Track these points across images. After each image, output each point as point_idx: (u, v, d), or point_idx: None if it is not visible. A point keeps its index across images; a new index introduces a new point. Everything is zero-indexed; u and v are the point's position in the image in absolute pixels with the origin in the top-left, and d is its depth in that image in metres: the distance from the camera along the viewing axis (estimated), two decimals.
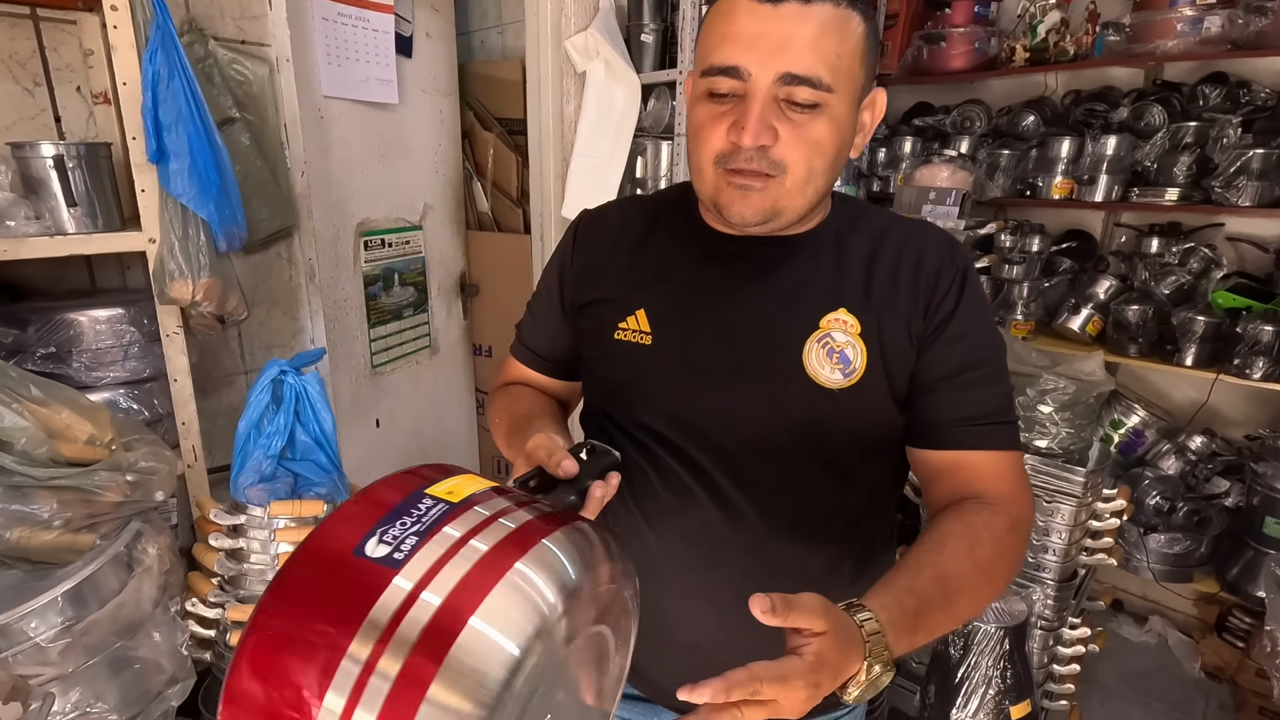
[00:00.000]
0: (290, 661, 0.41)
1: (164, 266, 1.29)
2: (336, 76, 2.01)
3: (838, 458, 0.76)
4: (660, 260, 0.81)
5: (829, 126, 0.68)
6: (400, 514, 0.45)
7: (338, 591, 0.42)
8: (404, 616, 0.40)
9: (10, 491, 1.03)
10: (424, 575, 0.41)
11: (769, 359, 0.75)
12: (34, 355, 1.26)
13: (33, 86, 1.42)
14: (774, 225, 0.72)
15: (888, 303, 0.74)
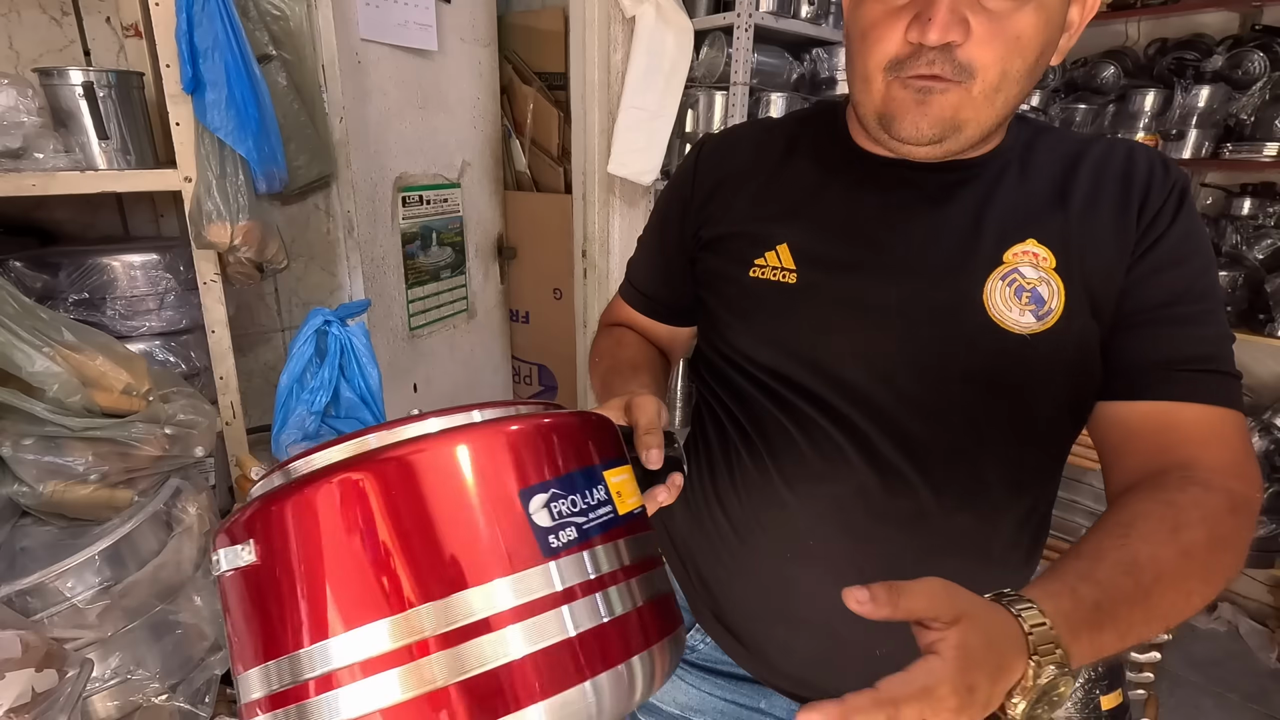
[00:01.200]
0: (370, 546, 0.33)
1: (200, 207, 1.20)
2: (374, 18, 1.90)
3: (1026, 417, 0.64)
4: (804, 189, 0.70)
5: (1037, 17, 0.55)
6: (575, 487, 0.39)
7: (480, 523, 0.35)
8: (508, 624, 0.34)
9: (43, 442, 0.96)
10: (565, 590, 0.36)
11: (941, 301, 0.63)
12: (65, 301, 1.19)
13: (60, 16, 1.33)
14: (951, 146, 0.60)
15: (1089, 229, 0.61)
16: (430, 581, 0.34)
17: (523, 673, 0.34)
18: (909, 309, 0.64)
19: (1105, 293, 0.61)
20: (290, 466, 0.37)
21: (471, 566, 0.34)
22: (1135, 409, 0.61)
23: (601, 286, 2.37)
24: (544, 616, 0.35)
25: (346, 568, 0.34)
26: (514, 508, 0.36)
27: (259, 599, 0.35)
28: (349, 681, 0.33)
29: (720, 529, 0.74)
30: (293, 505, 0.34)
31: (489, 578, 0.34)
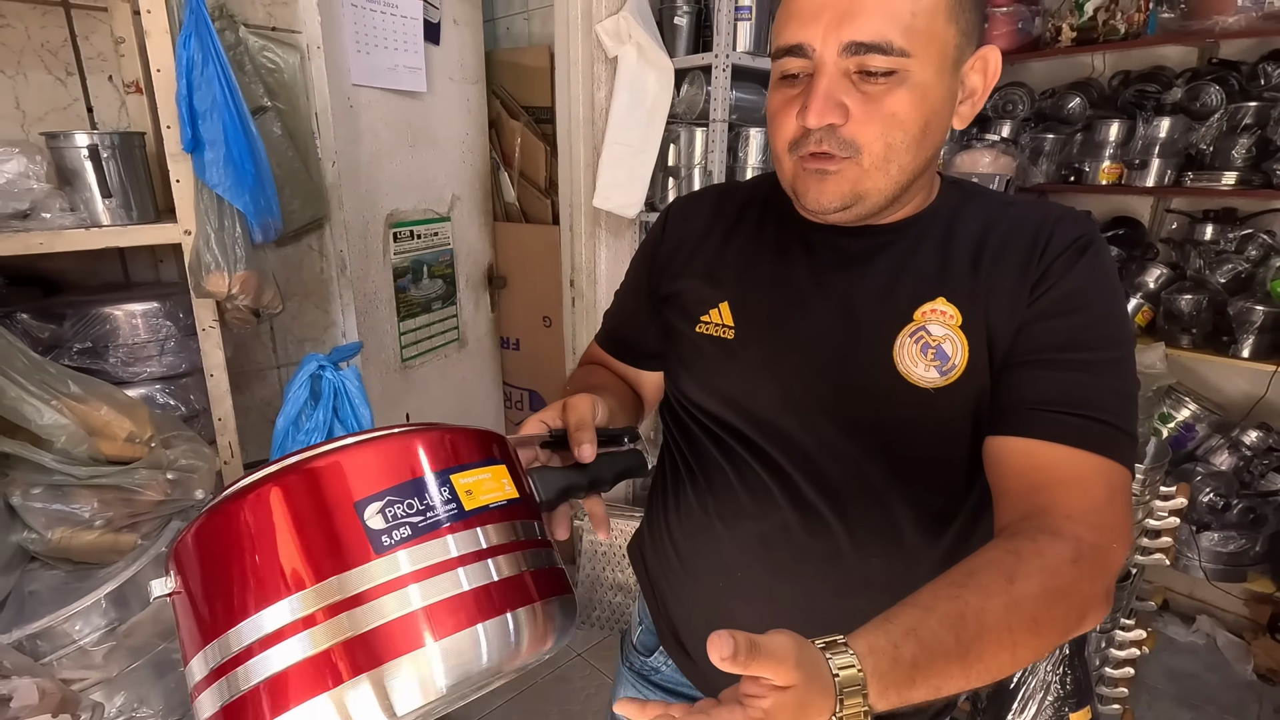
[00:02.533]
0: (249, 556, 0.44)
1: (200, 259, 1.26)
2: (365, 64, 1.97)
3: (933, 464, 0.69)
4: (747, 252, 0.77)
5: (909, 96, 0.61)
6: (414, 492, 0.46)
7: (321, 532, 0.44)
8: (351, 607, 0.43)
9: (51, 490, 1.01)
10: (394, 579, 0.44)
11: (855, 356, 0.69)
12: (70, 351, 1.24)
13: (65, 76, 1.39)
14: (859, 211, 0.66)
15: (992, 287, 0.65)
16: (295, 577, 0.44)
17: (376, 636, 0.43)
18: (828, 363, 0.70)
19: (1002, 346, 0.65)
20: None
21: (319, 565, 0.44)
22: (1006, 446, 0.63)
23: (589, 314, 2.43)
24: (381, 600, 0.44)
25: (239, 572, 0.44)
26: (351, 516, 0.45)
27: (190, 607, 0.46)
28: (258, 651, 0.43)
29: (670, 558, 0.82)
30: (192, 536, 0.46)
31: (333, 572, 0.44)
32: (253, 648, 0.42)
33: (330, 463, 0.46)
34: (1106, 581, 0.57)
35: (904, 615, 0.50)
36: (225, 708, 0.43)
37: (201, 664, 0.44)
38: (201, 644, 0.44)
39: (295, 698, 0.42)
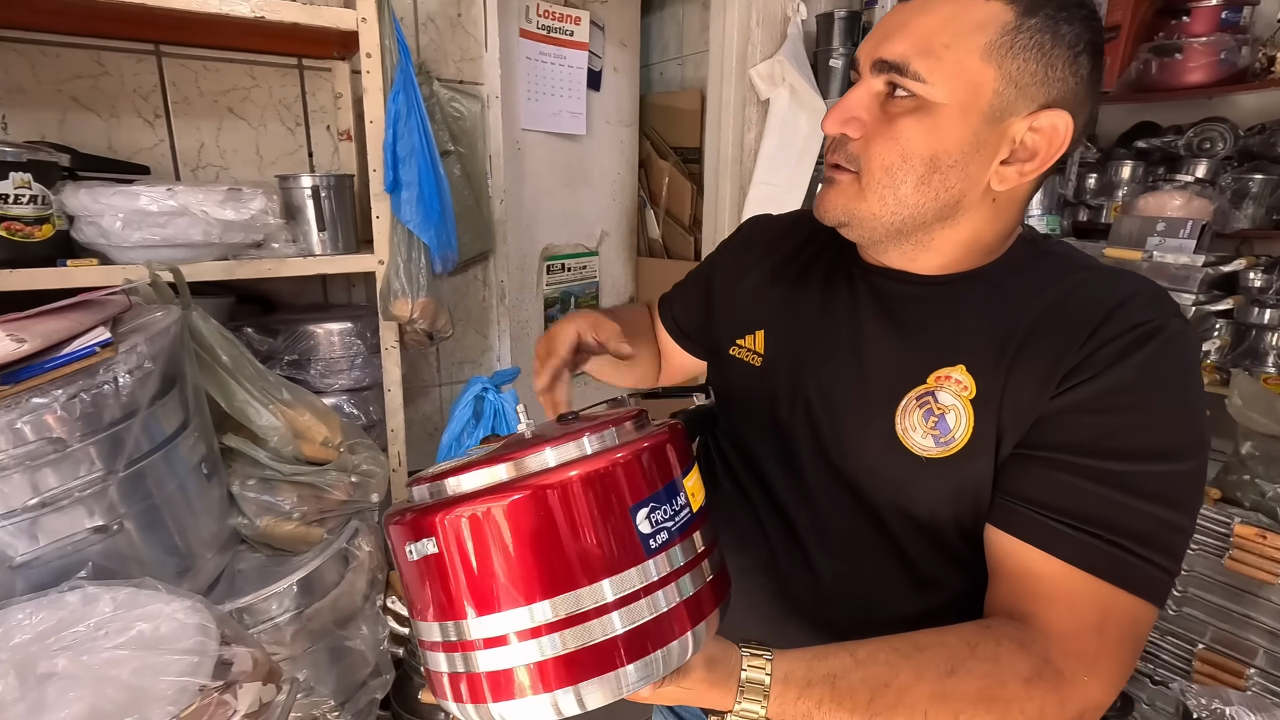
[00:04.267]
0: (516, 548, 0.45)
1: (389, 286, 1.41)
2: (534, 110, 2.14)
3: (917, 528, 0.64)
4: (795, 282, 0.77)
5: (919, 125, 0.58)
6: (665, 499, 0.49)
7: (602, 534, 0.46)
8: (630, 603, 0.46)
9: (262, 483, 1.16)
10: (660, 578, 0.47)
11: (862, 407, 0.66)
12: (281, 361, 1.43)
13: (294, 126, 1.63)
14: (859, 233, 0.65)
15: (1022, 368, 0.58)
16: (562, 578, 0.45)
17: (629, 637, 0.46)
18: (836, 411, 0.68)
19: (1011, 438, 0.59)
20: (445, 481, 0.49)
21: (591, 566, 0.46)
22: (1001, 540, 0.58)
23: None
24: (645, 600, 0.47)
25: (504, 563, 0.45)
26: (626, 520, 0.47)
27: (437, 578, 0.47)
28: (501, 645, 0.45)
29: None
30: (465, 515, 0.46)
31: (605, 575, 0.46)
32: (500, 639, 0.45)
33: (612, 464, 0.47)
34: (1062, 713, 0.52)
35: (834, 658, 0.52)
36: (541, 662, 0.45)
37: (441, 632, 0.47)
38: (448, 616, 0.47)
39: (604, 666, 0.46)
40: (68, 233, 1.19)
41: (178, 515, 1.01)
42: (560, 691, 0.45)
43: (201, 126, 1.53)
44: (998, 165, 0.60)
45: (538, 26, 2.09)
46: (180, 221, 1.16)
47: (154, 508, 0.97)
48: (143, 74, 1.45)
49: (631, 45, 2.60)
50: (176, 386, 1.03)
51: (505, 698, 0.46)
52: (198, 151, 1.53)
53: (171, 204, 1.15)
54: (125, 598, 0.84)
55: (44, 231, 1.14)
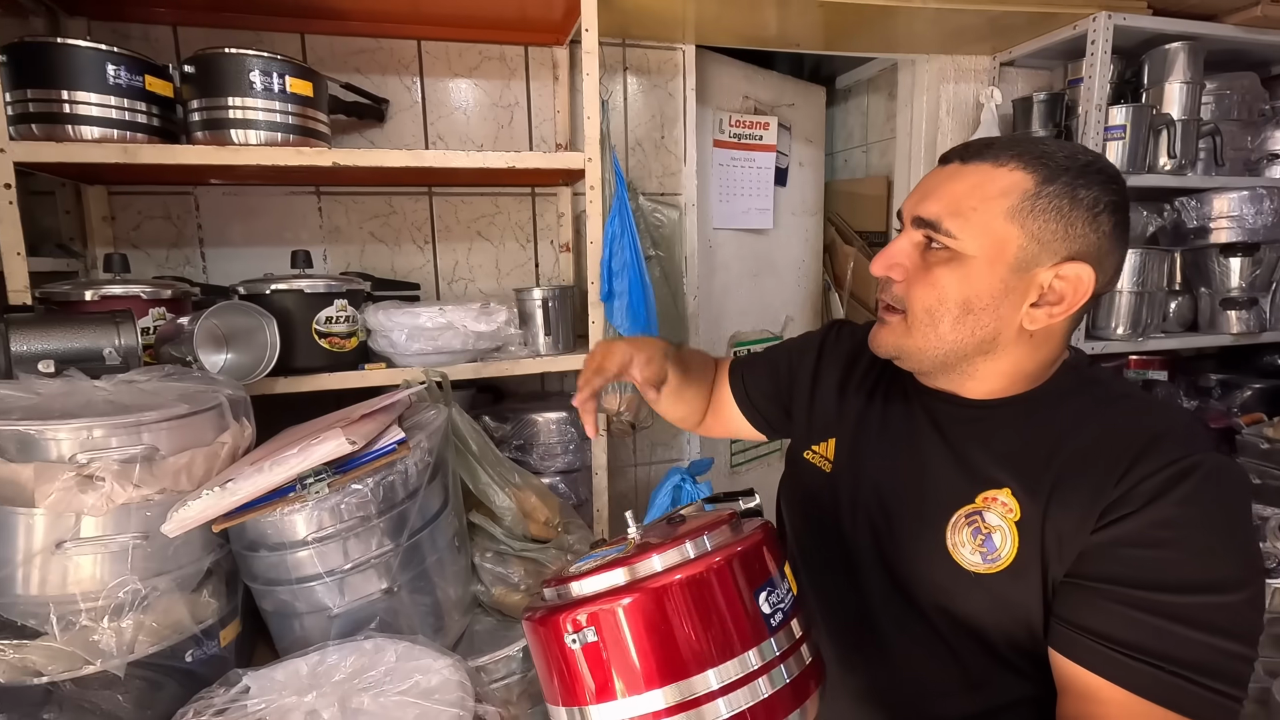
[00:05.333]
0: (672, 627, 0.54)
1: None
2: (724, 211, 2.31)
3: (970, 639, 0.70)
4: (866, 398, 0.86)
5: (953, 274, 0.68)
6: (775, 584, 0.59)
7: (735, 615, 0.55)
8: (757, 678, 0.54)
9: (497, 557, 1.35)
10: (779, 655, 0.56)
11: (915, 519, 0.74)
12: (511, 445, 1.66)
13: (525, 243, 1.92)
14: (910, 365, 0.75)
15: (1063, 499, 0.64)
16: (705, 654, 0.54)
17: (768, 706, 0.55)
18: (893, 523, 0.76)
19: (1059, 567, 0.64)
20: (574, 582, 0.59)
21: (729, 644, 0.55)
22: (1065, 664, 0.63)
23: None
24: (772, 672, 0.55)
25: (650, 647, 0.54)
26: (753, 600, 0.56)
27: (614, 656, 0.55)
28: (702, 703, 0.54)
29: None
30: (624, 607, 0.55)
31: (739, 651, 0.54)
32: (698, 700, 0.53)
33: (741, 552, 0.57)
34: None
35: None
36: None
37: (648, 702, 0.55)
38: (626, 691, 0.55)
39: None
40: (365, 343, 1.51)
41: (437, 581, 1.21)
42: None
43: (457, 248, 1.87)
44: (1028, 308, 0.68)
45: (730, 135, 2.28)
46: (446, 334, 1.44)
47: (422, 574, 1.18)
48: (419, 211, 1.82)
49: (817, 140, 2.71)
50: (440, 472, 1.25)
51: None
52: (453, 268, 1.87)
53: (441, 320, 1.43)
54: (404, 651, 1.03)
55: (352, 343, 1.46)
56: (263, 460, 0.99)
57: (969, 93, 2.25)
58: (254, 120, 1.33)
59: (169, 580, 1.00)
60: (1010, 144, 0.68)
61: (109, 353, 1.11)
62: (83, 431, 0.93)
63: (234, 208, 1.69)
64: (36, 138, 1.25)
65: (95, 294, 1.27)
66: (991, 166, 0.68)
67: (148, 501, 0.95)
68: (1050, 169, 0.66)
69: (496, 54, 1.83)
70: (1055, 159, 0.66)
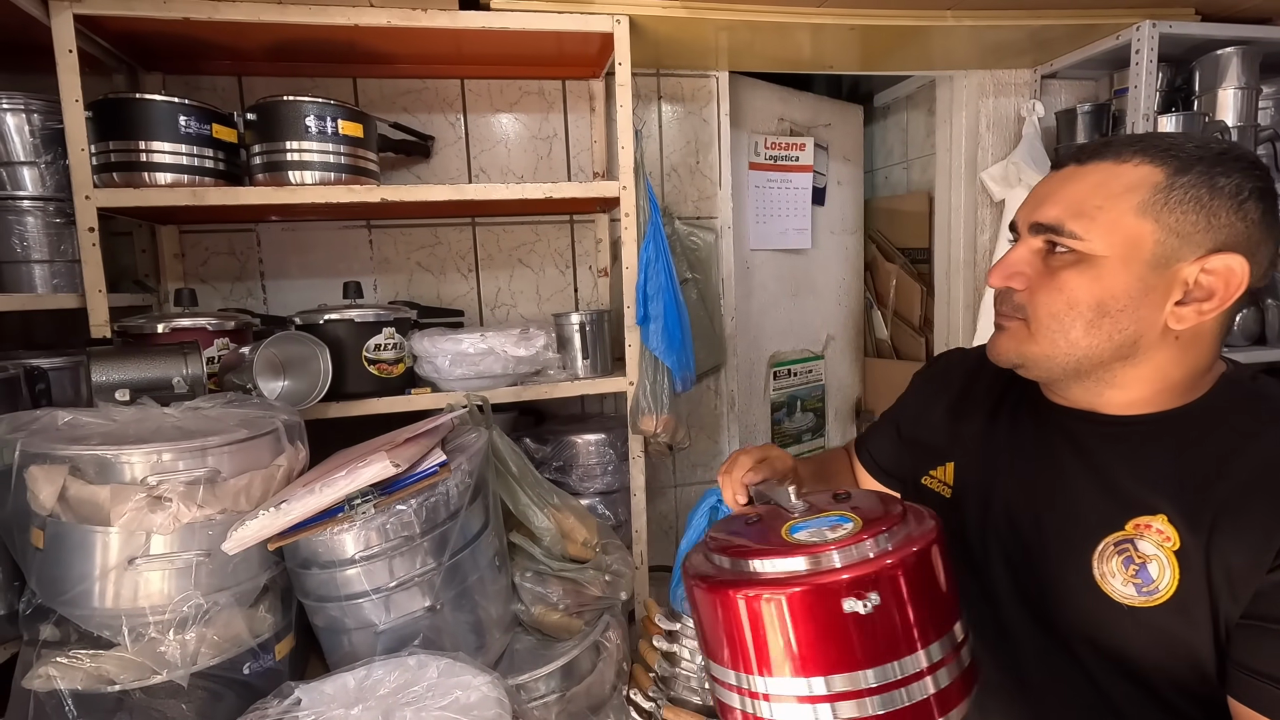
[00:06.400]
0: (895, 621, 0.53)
1: (638, 404, 1.62)
2: (761, 232, 2.32)
3: (1126, 681, 0.64)
4: (986, 417, 0.81)
5: (1082, 277, 0.64)
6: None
7: (950, 591, 0.57)
8: (930, 673, 0.54)
9: (536, 576, 1.38)
10: (956, 644, 0.57)
11: (1058, 547, 0.68)
12: (550, 466, 1.70)
13: (564, 269, 1.98)
14: (1033, 373, 0.70)
15: (1238, 529, 0.58)
16: (885, 649, 0.53)
17: (942, 696, 0.54)
18: (1027, 551, 0.70)
19: (1233, 597, 0.58)
20: (821, 554, 0.55)
21: (925, 630, 0.54)
22: (1248, 715, 0.57)
23: None
24: (951, 664, 0.55)
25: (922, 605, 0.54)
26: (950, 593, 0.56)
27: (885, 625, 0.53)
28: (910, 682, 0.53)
29: None
30: (900, 565, 0.54)
31: (929, 641, 0.54)
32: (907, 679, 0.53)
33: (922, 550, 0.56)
34: None
35: None
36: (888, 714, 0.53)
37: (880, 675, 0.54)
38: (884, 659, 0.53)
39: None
40: (412, 368, 1.58)
41: (478, 600, 1.25)
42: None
43: (499, 275, 1.93)
44: (1172, 306, 0.63)
45: (765, 158, 2.30)
46: (488, 359, 1.49)
47: (464, 593, 1.22)
48: (463, 241, 1.90)
49: (855, 158, 2.71)
50: (481, 493, 1.30)
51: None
52: (495, 295, 1.94)
53: (483, 346, 1.49)
54: (445, 667, 1.07)
55: (399, 369, 1.53)
56: (314, 482, 1.05)
57: (1010, 107, 2.22)
58: (309, 161, 1.43)
59: (229, 596, 1.07)
60: (1131, 140, 0.65)
61: (177, 381, 1.20)
62: (153, 455, 1.00)
63: (292, 242, 1.80)
64: (117, 184, 1.37)
65: (166, 327, 1.37)
66: (1113, 164, 0.64)
67: (210, 521, 1.02)
68: (1181, 160, 0.62)
69: (535, 89, 1.90)
70: (1185, 150, 0.63)
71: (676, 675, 1.47)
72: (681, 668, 1.46)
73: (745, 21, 1.63)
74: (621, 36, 1.56)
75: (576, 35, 1.59)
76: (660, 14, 1.58)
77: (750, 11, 1.61)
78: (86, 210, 1.34)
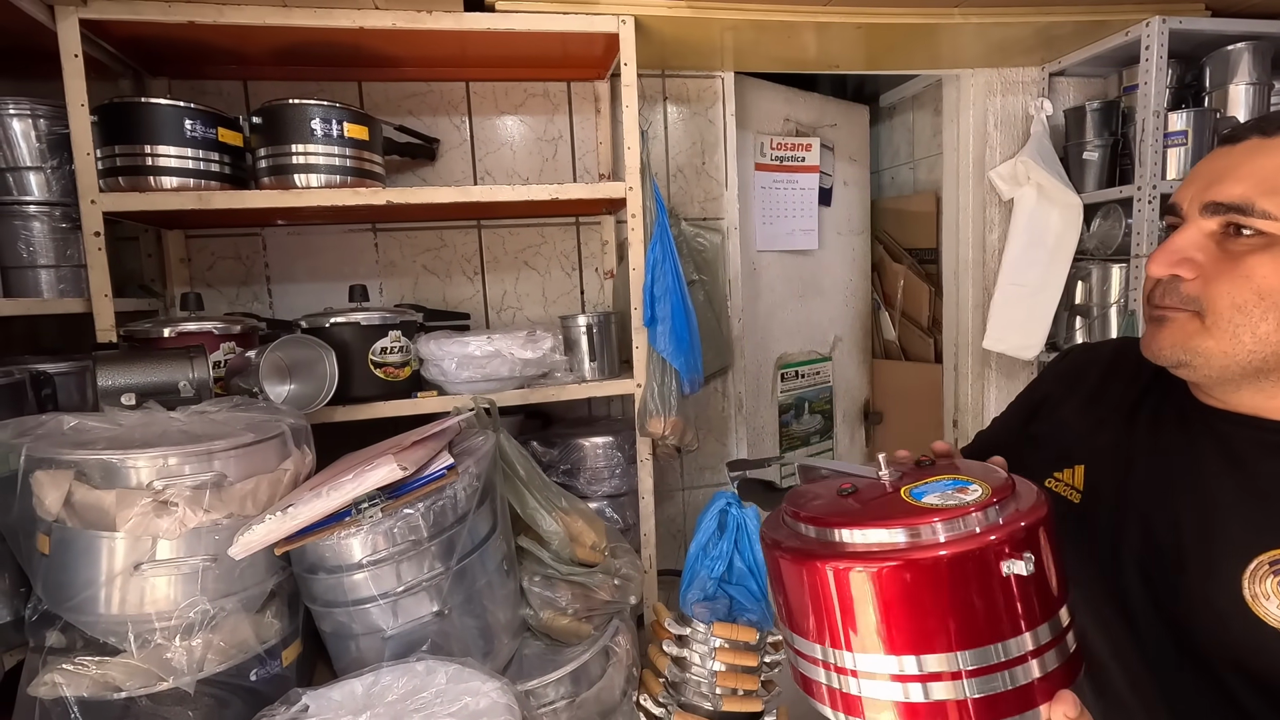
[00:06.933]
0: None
1: (645, 406, 1.61)
2: (768, 233, 2.31)
3: (1276, 715, 0.58)
4: (1122, 416, 0.73)
5: (1275, 261, 0.57)
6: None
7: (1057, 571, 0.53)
8: (1034, 657, 0.51)
9: (545, 580, 1.37)
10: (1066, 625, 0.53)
11: (1201, 565, 0.61)
12: (558, 470, 1.68)
13: (570, 271, 1.97)
14: (1201, 373, 0.62)
15: None
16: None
17: (1043, 682, 0.50)
18: (1167, 569, 0.63)
19: None
20: (964, 516, 0.51)
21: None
22: None
23: None
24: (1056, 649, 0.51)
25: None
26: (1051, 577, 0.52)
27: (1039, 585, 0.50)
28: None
29: None
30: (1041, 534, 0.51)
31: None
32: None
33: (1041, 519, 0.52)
34: None
35: None
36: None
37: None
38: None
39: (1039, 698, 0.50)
40: (418, 372, 1.57)
41: (486, 605, 1.24)
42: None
43: (504, 278, 1.93)
44: None
45: (771, 159, 2.29)
46: (494, 362, 1.48)
47: (472, 598, 1.21)
48: (468, 243, 1.89)
49: (861, 158, 2.69)
50: (489, 497, 1.28)
51: None
52: (501, 297, 1.93)
53: (489, 348, 1.47)
54: (454, 673, 1.05)
55: (405, 373, 1.52)
56: (320, 486, 1.04)
57: (1017, 105, 2.20)
58: (315, 165, 1.42)
59: (236, 601, 1.05)
60: None
61: (184, 385, 1.19)
62: (159, 460, 0.99)
63: (297, 246, 1.79)
64: (123, 189, 1.36)
65: (172, 331, 1.37)
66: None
67: (216, 525, 1.01)
68: None
69: (540, 90, 1.89)
70: None
71: (687, 680, 1.45)
72: (692, 673, 1.44)
73: (752, 21, 1.62)
74: (627, 37, 1.55)
75: (581, 36, 1.59)
76: (666, 14, 1.57)
77: (757, 10, 1.60)
78: (92, 215, 1.33)
